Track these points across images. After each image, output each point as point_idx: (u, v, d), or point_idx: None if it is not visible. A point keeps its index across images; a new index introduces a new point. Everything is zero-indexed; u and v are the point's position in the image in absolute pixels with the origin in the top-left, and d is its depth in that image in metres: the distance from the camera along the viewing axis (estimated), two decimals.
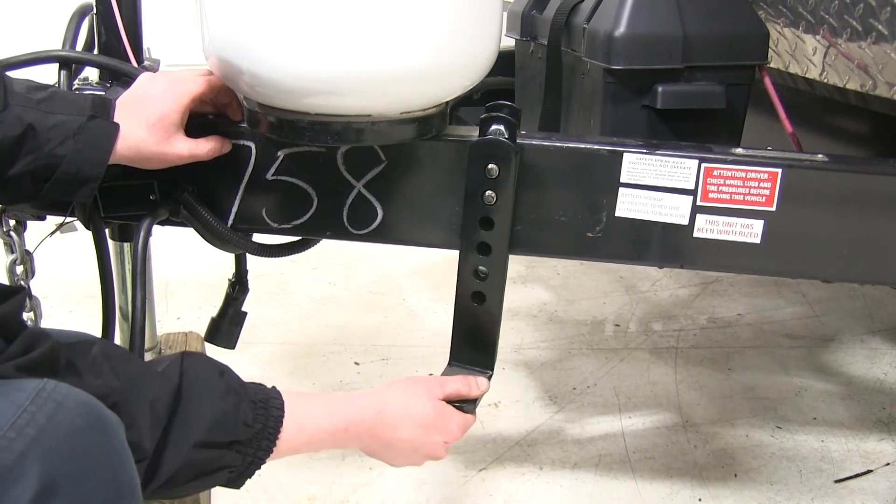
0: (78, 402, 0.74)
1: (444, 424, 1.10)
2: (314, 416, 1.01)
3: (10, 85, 1.05)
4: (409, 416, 1.08)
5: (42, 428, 0.70)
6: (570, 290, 2.50)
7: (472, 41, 1.08)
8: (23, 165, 1.04)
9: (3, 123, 1.02)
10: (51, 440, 0.70)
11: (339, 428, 1.03)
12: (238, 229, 1.26)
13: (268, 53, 1.01)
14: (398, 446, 1.08)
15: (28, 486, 0.67)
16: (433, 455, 1.11)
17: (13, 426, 0.69)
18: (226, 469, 0.92)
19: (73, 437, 0.72)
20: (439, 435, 1.10)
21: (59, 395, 0.73)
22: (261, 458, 0.95)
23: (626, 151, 1.17)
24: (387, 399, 1.09)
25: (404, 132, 1.12)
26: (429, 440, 1.09)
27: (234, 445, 0.91)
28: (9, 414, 0.70)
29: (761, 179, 1.16)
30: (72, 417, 0.73)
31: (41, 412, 0.71)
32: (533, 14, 1.56)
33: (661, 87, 1.28)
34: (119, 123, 1.08)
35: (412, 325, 2.24)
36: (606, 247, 1.22)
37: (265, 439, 0.94)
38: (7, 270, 1.32)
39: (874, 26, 1.25)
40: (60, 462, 0.70)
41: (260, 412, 0.94)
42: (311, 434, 1.00)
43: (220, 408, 0.91)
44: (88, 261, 1.30)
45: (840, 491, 1.62)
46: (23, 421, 0.70)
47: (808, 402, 1.92)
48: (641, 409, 1.87)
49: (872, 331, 2.27)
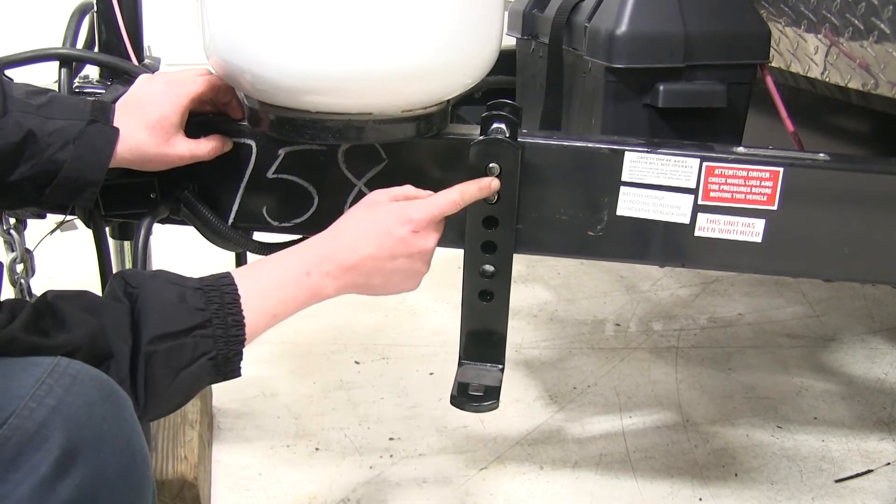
0: (91, 377, 0.77)
1: (405, 215, 1.05)
2: (273, 275, 0.99)
3: (10, 91, 1.06)
4: (365, 229, 1.04)
5: (61, 398, 0.73)
6: (570, 290, 2.50)
7: (473, 39, 1.08)
8: (23, 171, 1.04)
9: (2, 130, 1.03)
10: (69, 409, 0.73)
11: (302, 273, 1.00)
12: (238, 228, 1.26)
13: (269, 51, 1.01)
14: (370, 265, 1.04)
15: (50, 452, 0.71)
16: (412, 251, 1.05)
17: (33, 396, 0.73)
18: (202, 357, 0.90)
19: (89, 408, 0.75)
20: (403, 227, 1.04)
21: (74, 370, 0.76)
22: (235, 334, 0.92)
23: (628, 150, 1.17)
24: (337, 226, 1.06)
25: (405, 130, 1.11)
26: (399, 241, 1.04)
27: (195, 331, 0.89)
28: (28, 385, 0.73)
29: (763, 178, 1.16)
30: (87, 389, 0.76)
31: (58, 384, 0.74)
32: (534, 13, 1.56)
33: (663, 86, 1.28)
34: (119, 127, 1.08)
35: (413, 324, 2.23)
36: (608, 246, 1.22)
37: (229, 315, 0.92)
38: (7, 269, 1.32)
39: (876, 25, 1.25)
40: (79, 430, 0.73)
41: (212, 294, 0.92)
42: (277, 294, 0.98)
43: (162, 301, 0.89)
44: (89, 259, 1.30)
45: (840, 490, 1.61)
46: (42, 392, 0.73)
47: (808, 401, 1.91)
48: (642, 409, 1.87)
49: (873, 330, 2.27)
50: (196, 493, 1.40)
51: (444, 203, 1.09)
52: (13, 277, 1.32)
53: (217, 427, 1.75)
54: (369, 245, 1.03)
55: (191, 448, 1.50)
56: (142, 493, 0.79)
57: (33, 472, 0.70)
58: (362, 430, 1.75)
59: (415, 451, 1.70)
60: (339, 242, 1.04)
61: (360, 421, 1.78)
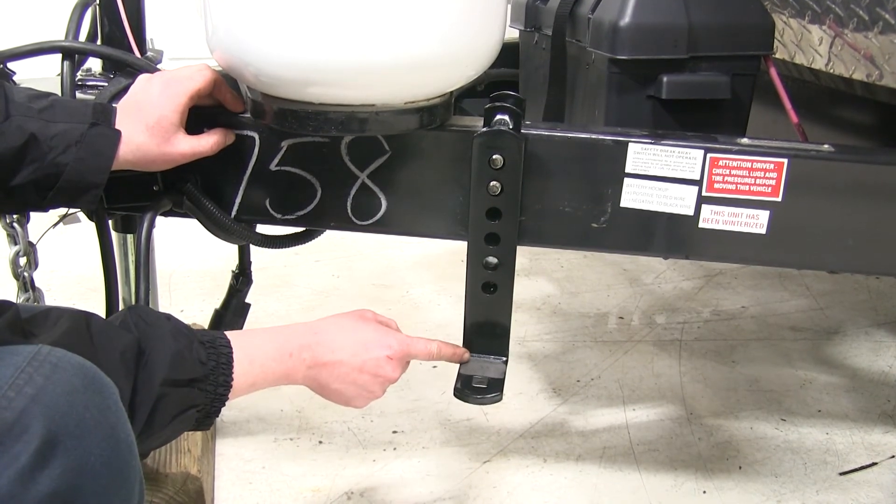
0: (73, 364, 0.77)
1: (387, 341, 1.14)
2: (261, 348, 1.05)
3: (12, 95, 1.06)
4: (346, 336, 1.12)
5: (41, 387, 0.73)
6: (573, 283, 2.50)
7: (476, 30, 1.07)
8: (26, 175, 1.05)
9: (4, 134, 1.03)
10: (49, 398, 0.72)
11: (286, 353, 1.07)
12: (241, 220, 1.26)
13: (272, 44, 1.01)
14: (338, 370, 1.10)
15: (30, 442, 0.70)
16: (378, 373, 1.12)
17: (12, 386, 0.72)
18: (193, 408, 0.95)
19: (70, 396, 0.74)
20: (381, 350, 1.12)
21: (55, 358, 0.76)
22: (222, 394, 0.98)
23: (632, 141, 1.17)
24: (324, 322, 1.14)
25: (408, 122, 1.11)
26: (373, 360, 1.11)
27: (195, 383, 0.95)
28: (7, 375, 0.72)
29: (767, 170, 1.16)
30: (68, 377, 0.75)
31: (38, 373, 0.74)
32: (537, 4, 1.56)
33: (666, 78, 1.28)
34: (120, 129, 1.08)
35: (416, 317, 2.23)
36: (611, 238, 1.21)
37: (221, 375, 0.98)
38: (10, 262, 1.32)
39: (881, 16, 1.24)
40: (60, 419, 0.72)
41: (210, 351, 0.98)
42: (262, 364, 1.04)
43: (175, 347, 0.94)
44: (91, 252, 1.30)
45: (845, 483, 1.61)
46: (21, 381, 0.72)
47: (812, 394, 1.91)
48: (645, 402, 1.87)
49: (877, 323, 2.27)
50: (199, 486, 1.41)
51: (420, 346, 1.18)
52: (16, 270, 1.32)
53: (220, 420, 1.75)
54: (345, 352, 1.10)
55: (194, 441, 1.50)
56: (126, 482, 0.78)
57: (13, 463, 0.68)
58: (365, 424, 1.75)
59: (418, 444, 1.70)
60: (320, 338, 1.10)
61: (364, 414, 1.78)
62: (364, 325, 1.15)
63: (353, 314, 1.17)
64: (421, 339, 1.19)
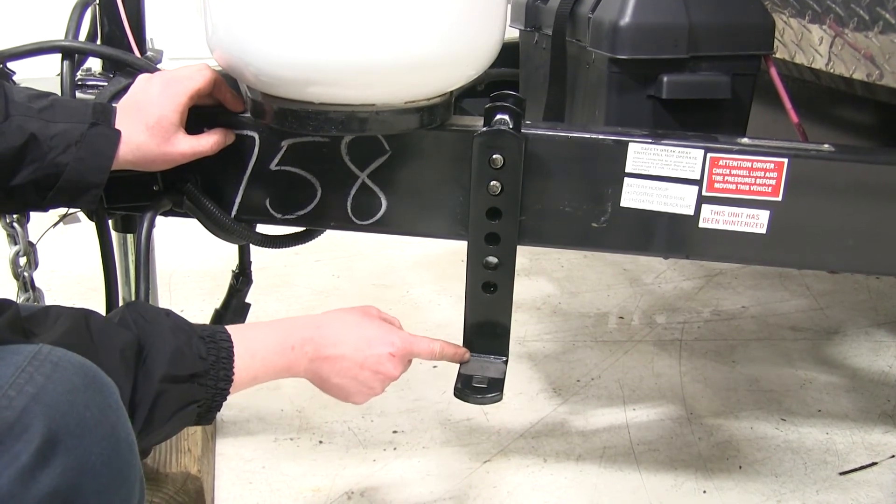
0: (73, 363, 0.77)
1: (390, 338, 1.13)
2: (262, 341, 1.05)
3: (11, 95, 1.06)
4: (350, 331, 1.12)
5: (41, 386, 0.73)
6: (573, 283, 2.50)
7: (476, 30, 1.07)
8: (26, 175, 1.05)
9: (4, 134, 1.03)
10: (50, 397, 0.72)
11: (287, 346, 1.07)
12: (242, 220, 1.26)
13: (272, 43, 1.01)
14: (340, 364, 1.10)
15: (31, 441, 0.70)
16: (379, 370, 1.12)
17: (13, 385, 0.72)
18: (194, 403, 0.96)
19: (71, 395, 0.74)
20: (384, 347, 1.12)
21: (55, 357, 0.76)
22: (223, 388, 0.98)
23: (632, 141, 1.17)
24: (327, 316, 1.14)
25: (408, 122, 1.11)
26: (375, 356, 1.11)
27: (196, 379, 0.95)
28: (7, 374, 0.72)
29: (767, 169, 1.15)
30: (69, 376, 0.75)
31: (39, 372, 0.74)
32: (537, 4, 1.56)
33: (667, 77, 1.28)
34: (120, 129, 1.08)
35: (416, 317, 2.23)
36: (611, 237, 1.21)
37: (222, 369, 0.98)
38: (10, 262, 1.32)
39: (881, 15, 1.24)
40: (61, 418, 0.72)
41: (210, 345, 0.98)
42: (263, 357, 1.04)
43: (174, 344, 0.94)
44: (91, 252, 1.30)
45: (845, 483, 1.61)
46: (22, 380, 0.72)
47: (812, 394, 1.91)
48: (646, 402, 1.87)
49: (877, 323, 2.27)
50: (199, 485, 1.41)
51: (423, 346, 1.18)
52: (16, 270, 1.32)
53: (220, 420, 1.75)
54: (348, 346, 1.10)
55: (194, 441, 1.50)
56: (127, 481, 0.78)
57: (14, 462, 0.68)
58: (366, 423, 1.75)
59: (418, 443, 1.70)
60: (323, 332, 1.10)
61: (364, 414, 1.78)
62: (368, 321, 1.15)
63: (357, 309, 1.17)
64: (424, 339, 1.19)
